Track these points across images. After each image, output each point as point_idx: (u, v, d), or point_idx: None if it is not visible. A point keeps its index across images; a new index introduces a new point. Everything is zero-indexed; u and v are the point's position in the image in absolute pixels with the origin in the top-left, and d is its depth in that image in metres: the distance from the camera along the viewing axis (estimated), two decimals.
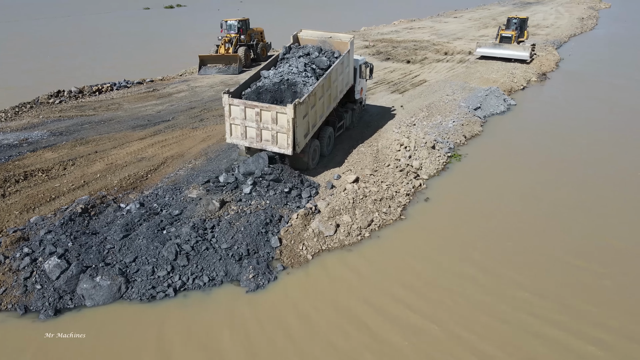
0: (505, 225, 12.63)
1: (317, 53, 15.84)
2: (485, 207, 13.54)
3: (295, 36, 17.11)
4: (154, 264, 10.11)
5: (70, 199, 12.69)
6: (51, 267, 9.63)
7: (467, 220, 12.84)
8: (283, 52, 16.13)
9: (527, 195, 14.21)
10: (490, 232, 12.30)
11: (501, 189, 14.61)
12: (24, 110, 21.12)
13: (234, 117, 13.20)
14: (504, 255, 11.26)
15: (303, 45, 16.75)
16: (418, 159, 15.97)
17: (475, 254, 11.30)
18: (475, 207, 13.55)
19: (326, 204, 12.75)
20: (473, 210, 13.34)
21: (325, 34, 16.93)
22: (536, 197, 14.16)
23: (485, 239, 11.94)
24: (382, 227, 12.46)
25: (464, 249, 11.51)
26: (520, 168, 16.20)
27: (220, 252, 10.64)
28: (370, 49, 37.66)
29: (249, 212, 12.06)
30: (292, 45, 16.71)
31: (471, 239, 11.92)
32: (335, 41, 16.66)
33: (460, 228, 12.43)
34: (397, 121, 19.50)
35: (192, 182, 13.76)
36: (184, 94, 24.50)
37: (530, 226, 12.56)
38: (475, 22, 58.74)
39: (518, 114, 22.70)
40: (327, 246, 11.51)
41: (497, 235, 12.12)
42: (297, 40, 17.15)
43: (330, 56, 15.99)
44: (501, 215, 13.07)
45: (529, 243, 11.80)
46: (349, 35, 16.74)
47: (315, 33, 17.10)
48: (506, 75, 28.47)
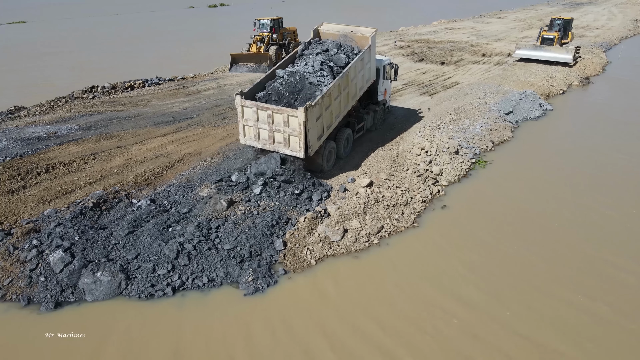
0: (525, 241, 11.86)
1: (336, 49, 15.48)
2: (506, 219, 12.80)
3: (315, 30, 16.81)
4: (155, 262, 10.12)
5: (85, 192, 12.95)
6: (55, 260, 9.79)
7: (484, 232, 12.16)
8: (302, 48, 15.84)
9: (554, 210, 13.29)
10: (507, 246, 11.61)
11: (526, 200, 13.78)
12: (58, 104, 21.91)
13: (247, 119, 13.10)
14: (518, 276, 10.56)
15: (323, 40, 16.43)
16: (438, 165, 15.36)
17: (486, 270, 10.68)
18: (495, 217, 12.85)
19: (336, 207, 12.43)
20: (492, 222, 12.65)
21: (347, 28, 16.53)
22: (565, 213, 13.26)
23: (500, 253, 11.27)
24: (393, 234, 12.01)
25: (476, 264, 10.89)
26: (550, 179, 15.26)
27: (222, 252, 10.53)
28: (405, 49, 36.90)
29: (255, 213, 11.90)
30: (312, 40, 16.42)
31: (486, 253, 11.28)
32: (356, 35, 16.23)
33: (475, 240, 11.79)
34: (422, 124, 18.88)
35: (205, 181, 13.76)
36: (211, 92, 24.74)
37: (556, 245, 11.70)
38: (519, 23, 56.58)
39: (554, 120, 21.53)
40: (332, 252, 11.19)
41: (513, 252, 11.42)
42: (318, 34, 16.84)
43: (349, 52, 15.61)
44: (522, 230, 12.30)
45: (553, 265, 11.02)
46: (371, 29, 16.23)
47: (337, 27, 16.73)
48: (545, 78, 27.14)
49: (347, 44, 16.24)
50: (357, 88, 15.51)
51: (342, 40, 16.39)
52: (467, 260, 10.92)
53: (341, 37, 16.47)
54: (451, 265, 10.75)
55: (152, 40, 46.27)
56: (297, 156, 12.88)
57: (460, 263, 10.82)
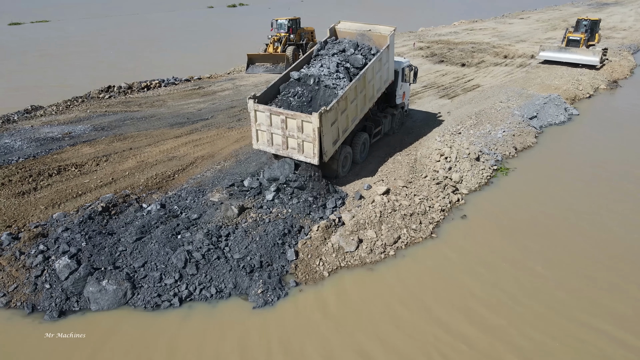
0: (550, 262, 11.19)
1: (353, 50, 14.96)
2: (529, 233, 12.12)
3: (332, 29, 16.31)
4: (162, 271, 9.79)
5: (96, 195, 12.73)
6: (61, 267, 9.54)
7: (506, 247, 11.53)
8: (318, 48, 15.35)
9: (584, 227, 12.56)
10: (530, 265, 10.98)
11: (551, 214, 13.08)
12: (75, 104, 21.88)
13: (260, 124, 12.71)
14: (541, 300, 9.93)
15: (340, 39, 15.94)
16: (458, 172, 14.76)
17: (505, 291, 10.08)
18: (518, 231, 12.19)
19: (351, 216, 11.96)
20: (515, 236, 11.99)
21: (364, 27, 16.01)
22: (594, 223, 12.57)
23: (522, 273, 10.65)
24: (410, 245, 11.48)
25: (494, 284, 10.28)
26: (577, 187, 14.53)
27: (232, 262, 10.15)
28: (425, 50, 36.17)
29: (267, 221, 11.50)
30: (328, 39, 15.94)
31: (506, 273, 10.66)
32: (374, 34, 15.70)
33: (495, 257, 11.16)
34: (442, 129, 18.27)
35: (216, 185, 13.43)
36: (227, 93, 24.48)
37: (586, 268, 11.00)
38: (543, 24, 55.20)
39: (580, 125, 20.67)
40: (346, 263, 10.72)
41: (536, 273, 10.78)
42: (335, 33, 16.36)
43: (367, 53, 15.10)
44: (547, 248, 11.63)
45: (581, 290, 10.36)
46: (390, 28, 15.66)
47: (354, 25, 16.22)
48: (570, 81, 26.18)
49: (364, 43, 15.75)
50: (375, 90, 15.01)
51: (360, 39, 15.90)
52: (485, 278, 10.29)
53: (358, 36, 15.98)
54: (467, 283, 10.13)
55: (170, 40, 46.38)
56: (311, 162, 12.44)
57: (477, 281, 10.20)
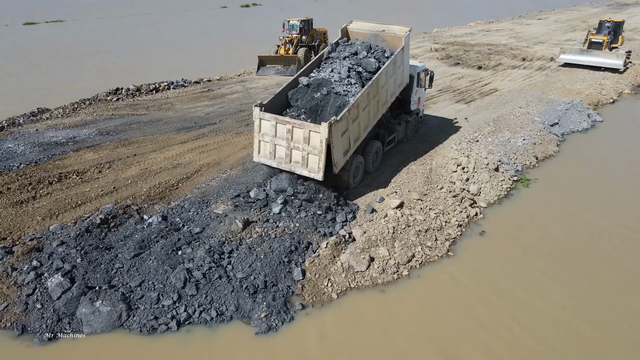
0: (572, 283, 10.39)
1: (366, 52, 14.16)
2: (553, 254, 11.27)
3: (344, 29, 15.54)
4: (160, 291, 9.19)
5: (96, 206, 12.20)
6: (53, 285, 9.00)
7: (525, 268, 10.71)
8: (329, 50, 14.58)
9: (609, 244, 11.73)
10: (548, 288, 10.18)
11: (575, 230, 12.26)
12: (82, 107, 21.48)
13: (264, 134, 12.02)
14: (563, 327, 9.15)
15: (352, 40, 15.20)
16: (476, 183, 13.97)
17: (525, 324, 9.30)
18: (538, 250, 11.38)
19: (362, 231, 11.26)
20: (534, 255, 11.17)
21: (378, 27, 15.24)
22: (624, 247, 11.70)
23: (538, 295, 9.86)
24: (425, 264, 10.75)
25: (515, 316, 9.49)
26: (603, 203, 13.64)
27: (234, 282, 9.52)
28: (440, 52, 35.26)
29: (273, 236, 10.85)
30: (339, 40, 15.19)
31: (524, 295, 9.88)
32: (388, 35, 14.91)
33: (516, 281, 10.35)
34: (458, 136, 17.47)
35: (221, 195, 12.83)
36: (237, 95, 23.92)
37: (611, 289, 10.22)
38: (561, 25, 53.85)
39: (604, 132, 19.71)
40: (356, 284, 10.02)
41: (564, 288, 9.99)
42: (347, 33, 15.59)
43: (380, 56, 14.32)
44: (568, 268, 10.82)
45: (605, 316, 9.55)
46: (405, 28, 14.87)
47: (367, 25, 15.46)
48: (593, 86, 25.15)
49: (377, 44, 14.98)
50: (389, 94, 14.25)
51: (373, 40, 15.13)
52: (506, 309, 9.46)
53: (372, 36, 15.21)
54: (480, 314, 9.30)
55: (182, 40, 46.06)
56: (314, 178, 11.66)
57: (495, 312, 9.40)
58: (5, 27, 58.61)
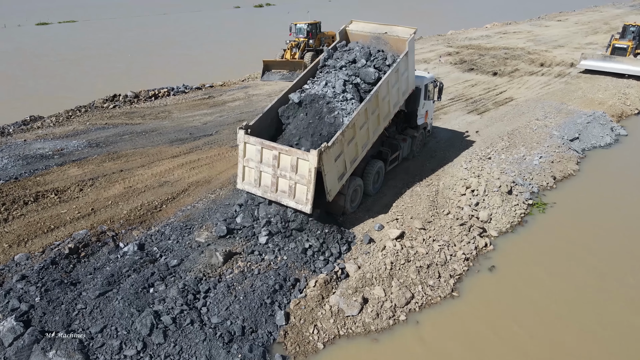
0: (593, 336, 9.14)
1: (365, 60, 12.71)
2: (567, 297, 10.03)
3: (342, 31, 14.11)
4: (123, 338, 8.18)
5: (70, 230, 11.26)
6: (5, 330, 8.05)
7: (538, 316, 9.46)
8: (324, 57, 13.22)
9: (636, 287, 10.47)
10: (566, 346, 8.92)
11: (596, 268, 10.95)
12: (77, 114, 20.69)
13: (249, 159, 10.88)
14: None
15: (351, 45, 13.76)
16: (487, 208, 12.73)
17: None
18: (555, 293, 10.10)
19: (357, 267, 10.14)
20: (550, 299, 9.91)
21: (380, 28, 13.78)
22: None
23: (555, 352, 8.63)
24: (425, 307, 9.57)
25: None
26: (630, 232, 12.31)
27: (208, 329, 8.47)
28: (453, 56, 33.83)
29: (256, 272, 9.79)
30: (337, 44, 13.86)
31: (544, 342, 8.67)
32: (391, 38, 13.47)
33: (526, 330, 9.16)
34: (469, 152, 16.19)
35: (207, 220, 11.83)
36: (238, 103, 22.94)
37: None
38: (582, 27, 51.85)
39: (629, 147, 18.23)
40: (346, 330, 8.90)
41: (589, 343, 8.74)
42: (346, 36, 14.19)
43: (381, 64, 12.83)
44: (594, 306, 9.58)
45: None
46: (409, 29, 13.41)
47: (368, 26, 14.00)
48: (616, 95, 23.58)
49: (380, 48, 13.53)
50: (391, 105, 12.92)
51: (375, 43, 13.69)
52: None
53: (373, 39, 13.77)
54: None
55: (190, 42, 45.36)
56: (302, 211, 10.45)
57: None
58: (17, 28, 58.70)
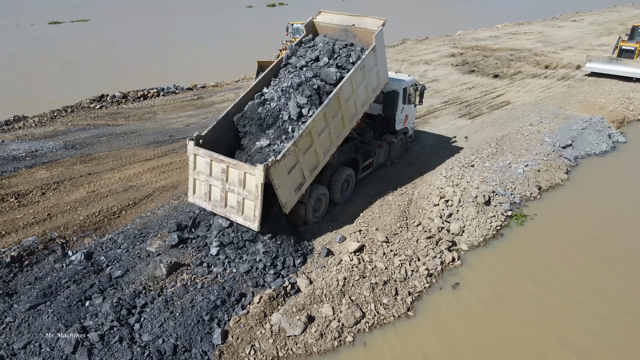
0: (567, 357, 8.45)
1: (327, 58, 11.97)
2: (537, 320, 9.37)
3: (309, 24, 13.31)
4: (45, 356, 7.79)
5: (20, 237, 10.93)
6: None
7: (499, 342, 8.84)
8: (287, 55, 12.55)
9: (616, 316, 9.72)
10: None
11: (575, 280, 10.24)
12: (62, 115, 20.53)
13: (199, 171, 10.36)
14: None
15: (317, 39, 12.99)
16: (460, 220, 12.06)
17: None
18: (524, 308, 9.44)
19: (308, 282, 9.61)
20: (517, 314, 9.27)
21: (348, 19, 12.95)
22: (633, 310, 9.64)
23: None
24: (376, 327, 8.98)
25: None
26: (615, 244, 11.53)
27: (137, 347, 8.03)
28: (456, 57, 32.94)
29: (200, 286, 9.32)
30: (303, 39, 13.12)
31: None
32: (359, 30, 12.64)
33: (491, 348, 8.53)
34: (453, 159, 15.51)
35: (164, 228, 11.42)
36: (225, 105, 22.45)
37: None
38: (597, 28, 50.29)
39: (625, 155, 17.30)
40: (286, 352, 8.36)
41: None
42: (313, 28, 13.39)
43: (344, 61, 12.01)
44: (561, 335, 8.88)
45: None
46: (378, 21, 12.49)
47: (337, 17, 13.15)
48: (620, 99, 22.55)
49: (349, 41, 12.73)
50: (358, 105, 12.09)
51: (343, 36, 12.89)
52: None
53: (341, 32, 12.95)
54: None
55: (194, 42, 45.25)
56: (250, 228, 9.92)
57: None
58: (30, 27, 59.45)
